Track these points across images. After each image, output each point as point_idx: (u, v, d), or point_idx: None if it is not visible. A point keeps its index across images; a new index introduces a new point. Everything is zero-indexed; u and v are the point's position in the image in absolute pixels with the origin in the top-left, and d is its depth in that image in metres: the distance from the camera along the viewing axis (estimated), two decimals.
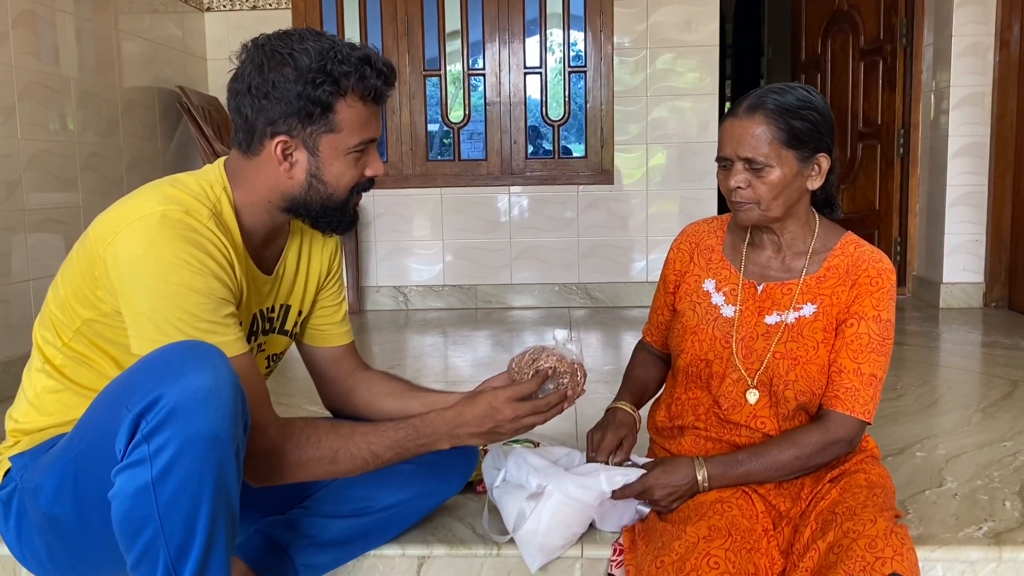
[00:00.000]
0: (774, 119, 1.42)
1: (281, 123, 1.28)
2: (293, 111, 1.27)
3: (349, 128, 1.30)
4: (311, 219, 1.39)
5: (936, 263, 4.22)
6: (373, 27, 4.48)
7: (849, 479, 1.43)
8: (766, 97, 1.44)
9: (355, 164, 1.34)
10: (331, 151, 1.31)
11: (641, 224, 4.46)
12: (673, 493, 1.45)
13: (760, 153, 1.42)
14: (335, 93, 1.27)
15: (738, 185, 1.44)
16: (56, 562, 1.33)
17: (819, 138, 1.45)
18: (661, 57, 4.36)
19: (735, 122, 1.44)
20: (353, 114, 1.30)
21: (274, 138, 1.29)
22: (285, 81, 1.26)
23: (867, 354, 1.45)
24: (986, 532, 1.57)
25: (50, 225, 3.03)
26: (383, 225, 4.50)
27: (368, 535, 1.55)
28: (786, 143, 1.42)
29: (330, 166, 1.32)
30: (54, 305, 1.34)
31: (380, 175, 1.39)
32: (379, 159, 1.38)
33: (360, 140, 1.32)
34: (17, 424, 1.38)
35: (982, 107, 4.05)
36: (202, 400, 1.09)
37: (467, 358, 3.44)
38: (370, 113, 1.33)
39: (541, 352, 1.42)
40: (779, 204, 1.45)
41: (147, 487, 1.09)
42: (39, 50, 3.01)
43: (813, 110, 1.44)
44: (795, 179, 1.45)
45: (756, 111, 1.43)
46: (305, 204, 1.35)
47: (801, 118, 1.42)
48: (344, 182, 1.35)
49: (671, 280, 1.66)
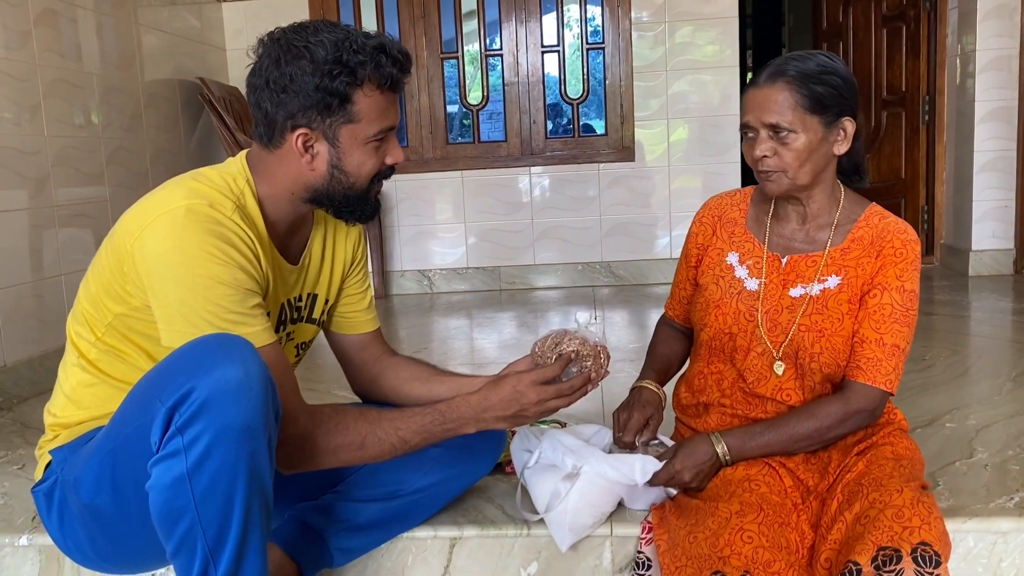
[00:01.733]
0: (796, 85, 1.42)
1: (300, 116, 1.29)
2: (312, 103, 1.28)
3: (368, 117, 1.31)
4: (334, 209, 1.40)
5: (964, 231, 4.16)
6: (390, 11, 4.47)
7: (876, 451, 1.43)
8: (787, 64, 1.44)
9: (375, 153, 1.35)
10: (351, 141, 1.32)
11: (664, 200, 4.44)
12: (700, 472, 1.46)
13: (784, 119, 1.42)
14: (352, 83, 1.28)
15: (764, 154, 1.44)
16: (98, 551, 1.36)
17: (843, 102, 1.44)
18: (680, 30, 4.32)
19: (757, 91, 1.45)
20: (371, 103, 1.31)
21: (294, 131, 1.31)
22: (302, 74, 1.27)
23: (890, 324, 1.44)
24: (1017, 503, 1.56)
25: (79, 220, 3.08)
26: (405, 210, 4.52)
27: (400, 518, 1.58)
28: (810, 108, 1.42)
29: (351, 156, 1.33)
30: (86, 301, 1.37)
31: (400, 162, 1.40)
32: (398, 146, 1.39)
33: (379, 129, 1.33)
34: (56, 418, 1.41)
35: (1009, 70, 3.97)
36: (234, 392, 1.11)
37: (492, 340, 3.45)
38: (388, 101, 1.33)
39: (564, 336, 1.43)
40: (806, 171, 1.45)
41: (183, 478, 1.12)
42: (61, 47, 3.04)
43: (835, 75, 1.44)
44: (821, 144, 1.44)
45: (777, 78, 1.43)
46: (328, 194, 1.37)
47: (823, 83, 1.42)
48: (365, 171, 1.36)
49: (693, 254, 1.65)
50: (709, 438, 1.47)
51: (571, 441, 1.52)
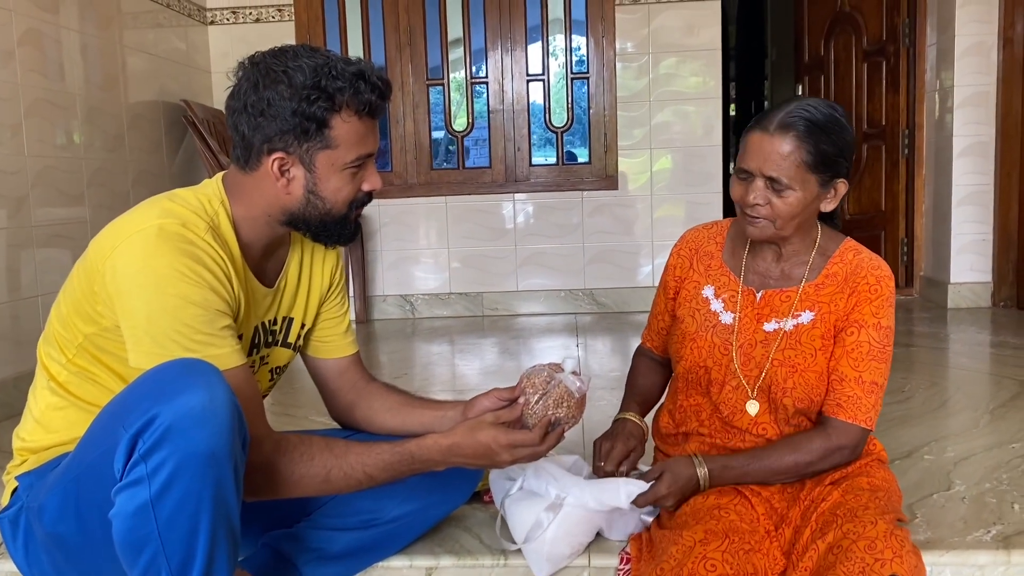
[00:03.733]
0: (805, 142, 1.39)
1: (277, 140, 1.29)
2: (289, 128, 1.28)
3: (345, 144, 1.31)
4: (311, 233, 1.39)
5: (943, 263, 4.20)
6: (376, 37, 4.49)
7: (851, 481, 1.43)
8: (797, 117, 1.40)
9: (352, 179, 1.35)
10: (327, 167, 1.32)
11: (646, 229, 4.46)
12: (683, 495, 1.46)
13: (786, 175, 1.40)
14: (330, 109, 1.28)
15: (757, 202, 1.43)
16: None
17: (842, 163, 1.44)
18: (664, 61, 4.37)
19: (764, 137, 1.41)
20: (349, 129, 1.30)
21: (271, 155, 1.30)
22: (280, 98, 1.27)
23: (868, 362, 1.45)
24: (995, 535, 1.56)
25: (57, 241, 3.05)
26: (389, 234, 4.51)
27: (375, 547, 1.55)
28: (812, 167, 1.40)
29: (327, 182, 1.33)
30: (57, 322, 1.35)
31: (378, 189, 1.39)
32: (376, 174, 1.38)
33: (357, 156, 1.32)
34: (24, 443, 1.39)
35: (986, 106, 4.03)
36: (198, 418, 1.09)
37: (474, 366, 3.44)
38: (366, 128, 1.33)
39: (554, 392, 1.37)
40: (793, 224, 1.45)
41: (146, 506, 1.10)
42: (45, 67, 3.03)
43: (842, 130, 1.42)
44: (813, 202, 1.44)
45: (788, 131, 1.40)
46: (304, 219, 1.36)
47: (830, 142, 1.41)
48: (342, 197, 1.35)
49: (671, 285, 1.65)
50: (692, 461, 1.47)
51: (555, 469, 1.51)
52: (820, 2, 4.98)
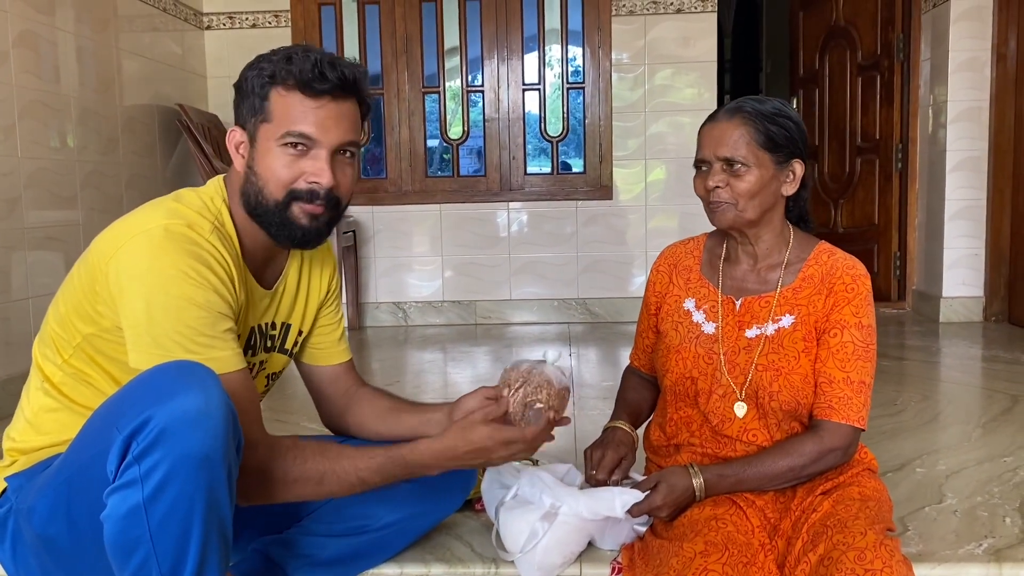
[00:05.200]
0: (752, 122, 1.48)
1: (241, 117, 1.34)
2: (248, 104, 1.32)
3: (279, 117, 1.30)
4: (260, 223, 1.35)
5: (935, 277, 4.22)
6: (372, 44, 4.50)
7: (842, 492, 1.43)
8: (744, 103, 1.50)
9: (290, 162, 1.31)
10: (264, 141, 1.32)
11: (640, 239, 4.47)
12: (678, 506, 1.46)
13: (739, 153, 1.47)
14: (270, 82, 1.30)
15: (716, 185, 1.49)
16: None
17: (794, 145, 1.51)
18: (659, 73, 4.38)
19: (714, 125, 1.50)
20: (284, 103, 1.29)
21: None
22: (250, 77, 1.32)
23: (854, 362, 1.46)
24: (986, 549, 1.57)
25: (50, 243, 3.04)
26: (382, 241, 4.51)
27: (366, 554, 1.55)
28: (763, 145, 1.48)
29: (263, 158, 1.32)
30: (54, 322, 1.34)
31: (323, 184, 1.31)
32: (325, 168, 1.30)
33: (287, 130, 1.29)
34: (14, 443, 1.38)
35: (979, 121, 4.06)
36: (192, 421, 1.09)
37: (466, 374, 3.43)
38: (305, 107, 1.29)
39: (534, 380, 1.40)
40: (755, 205, 1.49)
41: (138, 508, 1.09)
42: (40, 69, 3.02)
43: (788, 119, 1.50)
44: (771, 182, 1.50)
45: (735, 114, 1.49)
46: (247, 200, 1.34)
47: (778, 124, 1.49)
48: (276, 178, 1.31)
49: (652, 302, 1.68)
50: (687, 471, 1.47)
51: (549, 479, 1.51)
52: (815, 16, 5.02)
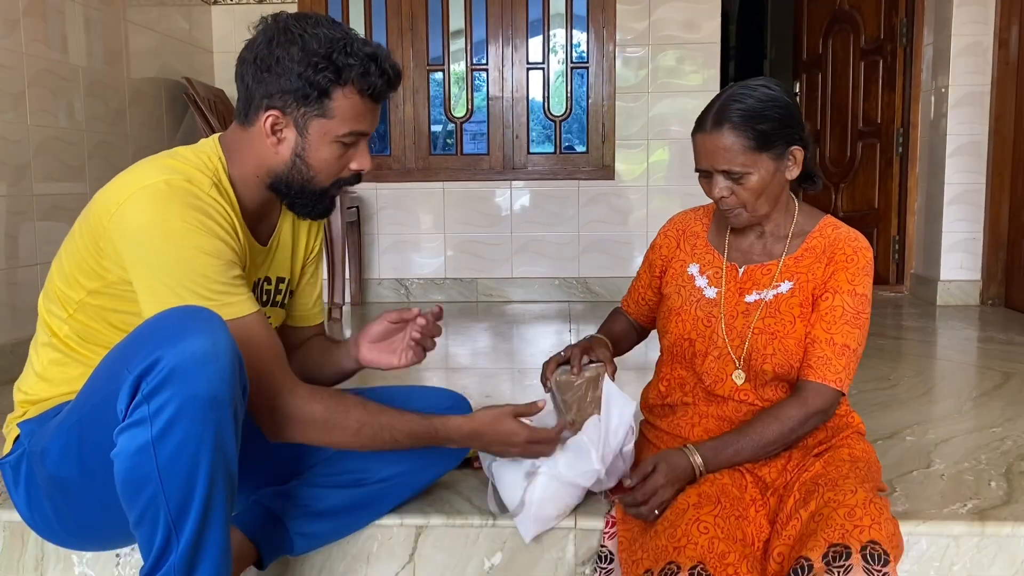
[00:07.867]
0: (741, 128, 1.44)
1: (277, 98, 1.32)
2: (290, 89, 1.31)
3: (341, 117, 1.33)
4: (289, 199, 1.42)
5: (934, 261, 4.25)
6: (378, 22, 4.52)
7: (833, 453, 1.47)
8: (729, 105, 1.45)
9: (342, 154, 1.37)
10: (319, 135, 1.34)
11: (641, 220, 4.50)
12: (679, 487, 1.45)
13: (736, 164, 1.45)
14: (335, 82, 1.31)
15: (722, 195, 1.49)
16: (63, 524, 1.36)
17: (788, 132, 1.47)
18: (663, 54, 4.40)
19: (705, 137, 1.47)
20: (349, 105, 1.33)
21: (267, 111, 1.33)
22: (289, 59, 1.30)
23: (840, 325, 1.48)
24: (970, 509, 1.60)
25: (57, 212, 3.07)
26: (385, 218, 4.54)
27: (363, 506, 1.58)
28: (757, 147, 1.45)
29: (316, 150, 1.35)
30: (58, 278, 1.37)
31: (366, 170, 1.42)
32: (367, 154, 1.40)
33: (350, 130, 1.35)
34: (25, 395, 1.42)
35: (980, 107, 4.08)
36: (200, 362, 1.12)
37: (466, 348, 3.47)
38: (367, 108, 1.35)
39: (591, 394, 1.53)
40: (764, 201, 1.50)
41: (147, 446, 1.12)
42: (48, 39, 3.05)
43: (777, 106, 1.46)
44: (774, 176, 1.49)
45: (723, 124, 1.45)
46: (287, 182, 1.38)
47: (767, 119, 1.45)
48: (328, 169, 1.38)
49: (657, 264, 1.71)
50: (684, 452, 1.47)
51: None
52: (820, 0, 5.02)
